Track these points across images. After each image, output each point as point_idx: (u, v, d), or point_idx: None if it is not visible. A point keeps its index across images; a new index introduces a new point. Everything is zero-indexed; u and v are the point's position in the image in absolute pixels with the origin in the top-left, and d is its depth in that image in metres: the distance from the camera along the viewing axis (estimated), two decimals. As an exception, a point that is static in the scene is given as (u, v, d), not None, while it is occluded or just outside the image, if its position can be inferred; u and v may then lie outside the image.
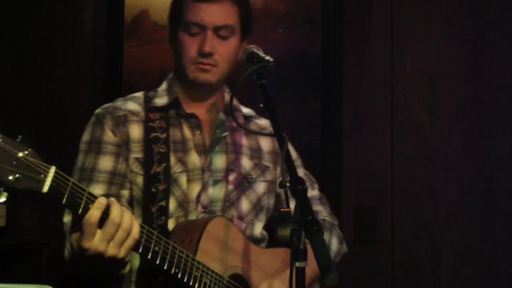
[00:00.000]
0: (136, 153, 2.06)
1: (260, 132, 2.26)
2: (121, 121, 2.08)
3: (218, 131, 2.16)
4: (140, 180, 2.05)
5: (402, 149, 3.06)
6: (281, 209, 1.57)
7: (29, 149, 1.53)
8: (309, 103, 3.17)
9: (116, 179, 2.05)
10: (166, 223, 2.01)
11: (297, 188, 1.58)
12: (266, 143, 2.27)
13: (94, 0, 3.50)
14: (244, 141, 2.23)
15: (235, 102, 2.24)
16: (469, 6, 3.01)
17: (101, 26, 3.49)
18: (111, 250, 1.70)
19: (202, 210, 2.07)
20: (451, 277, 2.96)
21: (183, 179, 2.07)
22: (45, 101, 3.49)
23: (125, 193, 2.06)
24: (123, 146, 2.06)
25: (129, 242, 1.72)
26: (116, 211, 1.68)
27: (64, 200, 1.59)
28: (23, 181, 1.49)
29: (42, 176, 1.54)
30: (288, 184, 1.60)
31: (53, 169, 1.57)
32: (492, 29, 2.98)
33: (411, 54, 3.07)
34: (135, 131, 2.08)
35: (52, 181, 1.56)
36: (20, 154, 1.50)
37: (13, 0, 3.53)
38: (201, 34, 2.07)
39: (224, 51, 2.09)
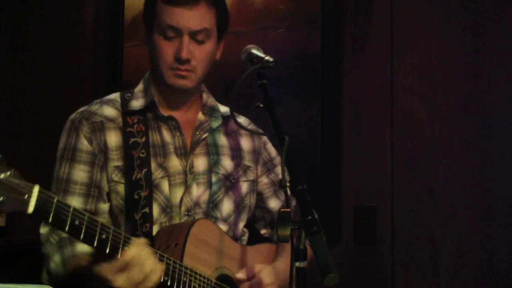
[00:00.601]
0: (115, 161, 2.02)
1: (260, 132, 2.26)
2: (98, 128, 2.04)
3: (197, 133, 2.14)
4: (121, 188, 2.01)
5: (402, 149, 3.05)
6: (281, 209, 1.56)
7: (11, 170, 1.48)
8: (309, 103, 3.17)
9: (92, 191, 2.01)
10: (151, 230, 1.99)
11: (297, 188, 1.59)
12: (246, 143, 2.27)
13: (94, 0, 3.50)
14: (225, 141, 2.22)
15: (212, 102, 2.23)
16: (469, 6, 3.01)
17: (101, 26, 3.49)
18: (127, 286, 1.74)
19: (186, 213, 2.06)
20: (451, 277, 2.95)
21: (165, 184, 2.04)
22: (45, 101, 3.49)
23: (104, 206, 2.03)
24: (99, 155, 2.02)
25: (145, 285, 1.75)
26: (144, 252, 1.73)
27: (51, 218, 1.57)
28: (8, 203, 1.46)
29: (26, 196, 1.51)
30: (288, 184, 1.60)
31: (36, 188, 1.53)
32: (492, 29, 2.97)
33: (411, 54, 3.07)
34: (113, 138, 2.04)
35: (37, 201, 1.53)
36: (2, 176, 1.46)
37: (13, 0, 3.53)
38: (177, 39, 2.04)
39: (201, 56, 2.07)
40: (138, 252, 1.73)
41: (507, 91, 2.95)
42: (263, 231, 2.32)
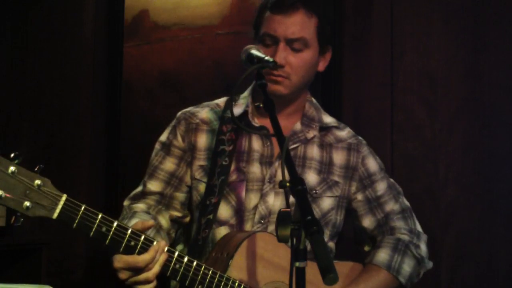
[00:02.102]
0: (201, 160, 2.14)
1: (262, 133, 2.24)
2: (192, 129, 2.17)
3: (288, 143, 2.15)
4: (202, 187, 2.13)
5: (402, 149, 3.05)
6: (281, 209, 1.56)
7: (44, 179, 1.66)
8: (309, 103, 3.16)
9: (173, 181, 2.16)
10: (208, 236, 2.06)
11: (297, 188, 1.58)
12: (339, 157, 2.23)
13: (94, 0, 3.49)
14: (316, 154, 2.20)
15: (313, 112, 2.23)
16: (469, 6, 3.01)
17: (101, 26, 3.48)
18: (128, 281, 1.81)
19: (260, 221, 2.08)
20: (451, 277, 2.95)
21: (241, 187, 2.10)
22: (45, 101, 3.49)
23: (180, 196, 2.16)
24: (188, 152, 2.15)
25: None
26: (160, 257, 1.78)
27: (75, 225, 1.69)
28: (35, 209, 1.63)
29: (53, 204, 1.66)
30: (288, 184, 1.60)
31: (64, 197, 1.68)
32: (492, 29, 2.98)
33: (411, 54, 3.07)
34: (203, 140, 2.16)
35: (62, 208, 1.67)
36: (34, 184, 1.64)
37: (13, 0, 3.53)
38: (274, 46, 2.07)
39: (297, 64, 2.08)
40: (152, 258, 1.78)
41: (507, 91, 2.95)
42: (366, 248, 2.31)
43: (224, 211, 2.09)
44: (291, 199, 2.12)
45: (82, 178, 3.34)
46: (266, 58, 1.89)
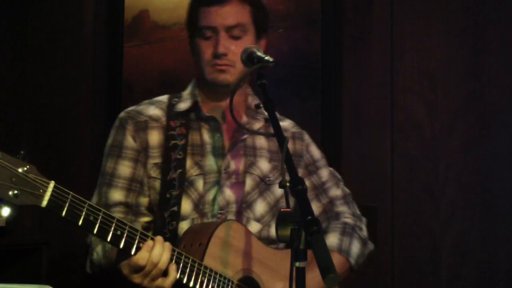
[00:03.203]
0: (155, 158, 2.11)
1: (262, 133, 2.26)
2: (142, 127, 2.13)
3: (236, 134, 2.18)
4: (158, 185, 2.10)
5: (402, 149, 3.05)
6: (281, 209, 1.57)
7: (29, 165, 1.57)
8: (309, 103, 3.17)
9: (134, 186, 2.11)
10: (176, 228, 2.06)
11: (297, 188, 1.59)
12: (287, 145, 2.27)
13: (94, 0, 3.50)
14: (264, 144, 2.24)
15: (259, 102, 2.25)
16: (469, 6, 3.01)
17: (101, 26, 3.49)
18: (144, 283, 1.82)
19: (219, 211, 2.10)
20: (451, 277, 2.95)
21: (199, 182, 2.11)
22: (45, 101, 3.49)
23: (144, 201, 2.12)
24: (142, 152, 2.12)
25: (161, 281, 1.81)
26: (158, 250, 1.78)
27: (64, 213, 1.63)
28: (22, 196, 1.54)
29: (41, 191, 1.59)
30: (288, 184, 1.60)
31: (52, 184, 1.61)
32: (492, 29, 2.97)
33: (411, 54, 3.07)
34: (154, 137, 2.13)
35: (51, 195, 1.60)
36: (20, 170, 1.55)
37: (13, 0, 3.53)
38: (214, 37, 2.10)
39: (238, 50, 2.08)
40: (151, 253, 1.79)
41: (507, 91, 2.95)
42: None
43: (186, 205, 2.09)
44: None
45: (82, 178, 3.34)
46: (266, 58, 1.89)
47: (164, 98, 2.25)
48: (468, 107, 2.99)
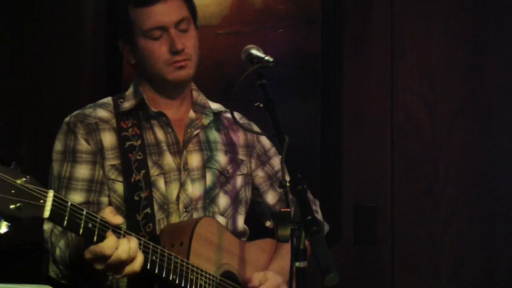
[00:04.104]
0: (112, 160, 2.07)
1: (262, 132, 2.26)
2: (93, 129, 2.08)
3: (189, 130, 2.17)
4: (119, 187, 2.06)
5: (402, 149, 3.05)
6: (281, 209, 1.56)
7: (26, 176, 1.48)
8: (309, 103, 3.17)
9: (94, 187, 2.05)
10: (154, 230, 2.02)
11: (297, 188, 1.59)
12: (238, 137, 2.29)
13: (94, 0, 3.50)
14: (217, 137, 2.24)
15: (203, 99, 2.26)
16: (469, 6, 3.01)
17: (101, 26, 3.49)
18: (110, 273, 1.76)
19: (185, 209, 2.09)
20: (451, 277, 2.95)
21: (161, 182, 2.08)
22: (45, 101, 3.49)
23: (105, 200, 2.06)
24: (98, 154, 2.06)
25: (129, 271, 1.74)
26: (124, 247, 1.70)
27: (65, 223, 1.58)
28: (24, 209, 1.46)
29: (41, 201, 1.51)
30: (288, 184, 1.60)
31: (51, 193, 1.54)
32: (492, 29, 2.97)
33: (411, 54, 3.07)
34: (107, 138, 2.08)
35: (52, 205, 1.54)
36: (18, 182, 1.45)
37: (13, 0, 3.53)
38: (165, 35, 2.08)
39: (191, 43, 2.12)
40: (113, 244, 1.70)
41: (507, 91, 2.95)
42: (268, 224, 2.34)
43: (154, 205, 2.06)
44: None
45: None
46: (266, 58, 1.89)
47: (108, 100, 2.20)
48: (468, 107, 2.99)
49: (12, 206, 1.43)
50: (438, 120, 3.02)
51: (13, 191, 1.44)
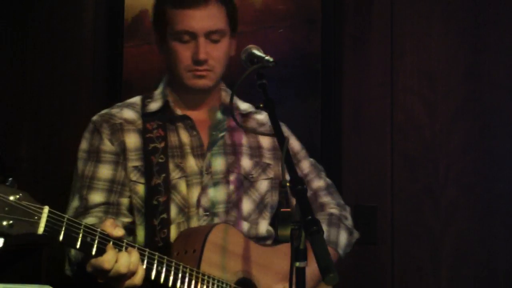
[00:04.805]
0: (134, 161, 2.07)
1: (261, 132, 2.25)
2: (117, 129, 2.09)
3: (214, 132, 2.15)
4: (140, 189, 2.06)
5: (402, 149, 3.05)
6: (281, 209, 1.56)
7: (20, 193, 1.49)
8: (309, 103, 3.17)
9: (115, 187, 2.06)
10: (168, 236, 2.02)
11: (297, 188, 1.58)
12: (266, 140, 2.26)
13: (94, 0, 3.50)
14: (244, 140, 2.22)
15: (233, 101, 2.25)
16: (469, 6, 3.01)
17: (101, 26, 3.49)
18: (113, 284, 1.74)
19: (204, 213, 2.08)
20: (451, 277, 2.95)
21: (182, 185, 2.07)
22: (45, 101, 3.49)
23: (125, 201, 2.07)
24: (121, 155, 2.07)
25: (129, 284, 1.74)
26: (123, 261, 1.69)
27: (61, 237, 1.58)
28: (17, 226, 1.47)
29: (36, 218, 1.52)
30: (288, 184, 1.60)
31: (46, 209, 1.55)
32: (492, 29, 2.98)
33: (411, 54, 3.07)
34: (131, 139, 2.08)
35: (47, 221, 1.54)
36: (12, 198, 1.47)
37: (13, 0, 3.53)
38: (193, 41, 2.06)
39: (217, 55, 2.09)
40: (113, 259, 1.70)
41: (507, 91, 2.95)
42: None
43: (173, 211, 2.05)
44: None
45: (82, 178, 3.34)
46: (266, 58, 1.89)
47: (137, 99, 2.20)
48: (468, 107, 2.99)
49: (4, 223, 1.45)
50: (438, 120, 3.02)
51: (6, 208, 1.46)
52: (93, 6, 3.50)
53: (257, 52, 1.92)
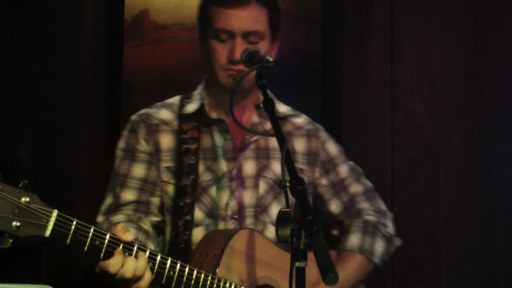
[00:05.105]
0: (167, 162, 2.10)
1: (261, 133, 2.24)
2: (153, 130, 2.12)
3: (247, 136, 2.15)
4: (170, 189, 2.09)
5: (402, 149, 3.05)
6: (281, 209, 1.56)
7: (31, 195, 1.54)
8: (309, 103, 3.16)
9: (147, 187, 2.10)
10: (190, 238, 2.04)
11: (297, 188, 1.58)
12: (301, 144, 2.25)
13: (94, 0, 3.49)
14: (277, 144, 2.20)
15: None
16: (469, 6, 3.01)
17: (101, 26, 3.48)
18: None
19: (233, 216, 2.08)
20: (451, 277, 2.95)
21: (212, 187, 2.09)
22: (45, 101, 3.49)
23: (155, 200, 2.11)
24: (155, 155, 2.11)
25: (137, 287, 1.75)
26: (129, 266, 1.70)
27: (68, 241, 1.61)
28: (25, 228, 1.52)
29: (44, 221, 1.57)
30: (288, 184, 1.60)
31: (55, 213, 1.59)
32: (492, 29, 2.98)
33: (411, 54, 3.07)
34: (166, 140, 2.12)
35: (54, 224, 1.58)
36: (22, 201, 1.52)
37: (13, 1, 3.53)
38: (230, 41, 2.06)
39: None
40: (117, 262, 1.72)
41: (507, 91, 2.95)
42: (334, 232, 2.31)
43: (198, 212, 2.07)
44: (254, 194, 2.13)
45: (82, 178, 3.34)
46: (266, 58, 1.89)
47: (175, 99, 2.22)
48: (468, 107, 2.99)
49: (13, 224, 1.50)
50: (438, 120, 3.02)
51: (16, 211, 1.51)
52: (93, 6, 3.49)
53: (257, 52, 1.92)
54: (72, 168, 3.37)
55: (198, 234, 2.05)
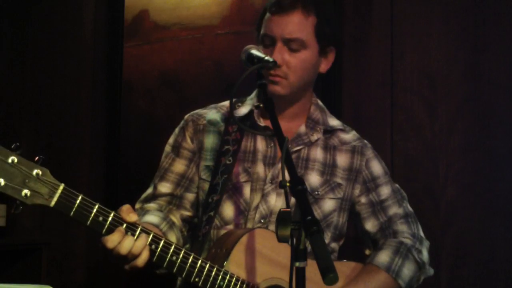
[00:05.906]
0: (208, 161, 2.18)
1: (260, 132, 2.23)
2: (200, 130, 2.21)
3: (290, 146, 2.15)
4: (206, 186, 2.17)
5: (402, 149, 3.05)
6: (281, 209, 1.56)
7: (43, 169, 1.69)
8: (309, 103, 3.16)
9: (183, 182, 2.20)
10: (208, 232, 2.09)
11: (297, 188, 1.59)
12: (343, 159, 2.25)
13: (94, 0, 3.50)
14: (319, 156, 2.21)
15: (318, 115, 2.24)
16: (469, 6, 3.01)
17: (101, 26, 3.49)
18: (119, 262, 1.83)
19: (261, 220, 2.10)
20: (451, 277, 2.95)
21: (247, 188, 2.13)
22: (45, 101, 3.49)
23: (189, 196, 2.20)
24: (197, 154, 2.19)
25: (131, 265, 1.82)
26: (126, 243, 1.78)
27: (72, 213, 1.71)
28: (33, 197, 1.66)
29: (51, 193, 1.69)
30: (288, 184, 1.60)
31: (61, 186, 1.70)
32: (492, 29, 2.98)
33: (411, 54, 3.07)
34: (210, 140, 2.19)
35: (59, 197, 1.69)
36: (34, 173, 1.67)
37: (13, 0, 3.53)
38: (272, 46, 2.09)
39: (294, 63, 2.08)
40: (116, 239, 1.79)
41: (507, 91, 2.95)
42: (366, 252, 2.32)
43: (230, 211, 2.12)
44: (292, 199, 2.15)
45: (82, 178, 3.34)
46: (266, 58, 1.90)
47: (228, 102, 2.25)
48: (468, 107, 2.99)
49: (23, 193, 1.65)
50: (438, 120, 3.02)
51: (27, 181, 1.66)
52: (93, 6, 3.50)
53: (257, 52, 1.93)
54: (72, 168, 3.37)
55: (220, 233, 2.10)
